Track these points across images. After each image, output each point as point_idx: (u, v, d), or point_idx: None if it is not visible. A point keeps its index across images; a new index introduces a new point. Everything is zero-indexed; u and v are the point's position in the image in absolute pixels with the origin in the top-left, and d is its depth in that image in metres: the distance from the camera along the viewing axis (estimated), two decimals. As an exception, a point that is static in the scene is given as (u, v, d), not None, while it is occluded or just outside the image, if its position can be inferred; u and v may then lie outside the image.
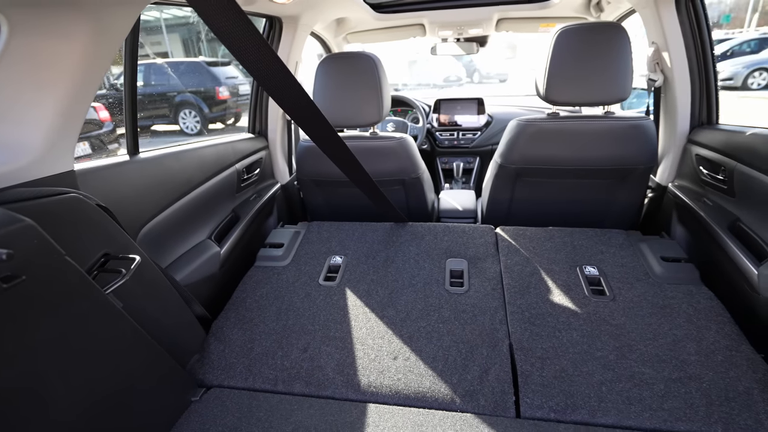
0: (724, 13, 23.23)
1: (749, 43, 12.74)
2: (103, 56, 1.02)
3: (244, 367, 1.29)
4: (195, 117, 10.06)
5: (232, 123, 10.33)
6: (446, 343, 1.30)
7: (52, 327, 0.81)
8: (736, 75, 11.41)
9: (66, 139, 1.02)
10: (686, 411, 1.06)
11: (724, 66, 11.78)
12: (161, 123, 10.15)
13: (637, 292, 1.43)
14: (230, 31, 0.92)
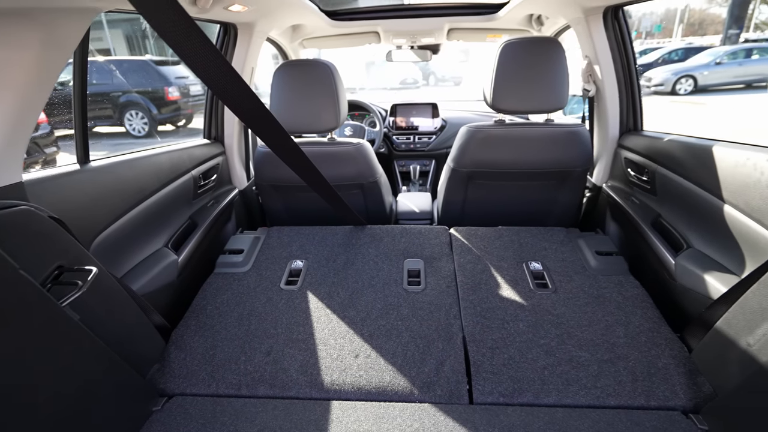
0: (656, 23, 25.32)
1: (677, 52, 13.97)
2: (53, 66, 1.01)
3: (207, 373, 1.31)
4: (142, 118, 9.58)
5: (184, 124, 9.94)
6: (405, 339, 1.38)
7: (7, 342, 0.80)
8: (666, 81, 12.46)
9: (14, 150, 1.00)
10: (615, 387, 1.20)
11: (656, 73, 12.84)
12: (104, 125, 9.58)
13: (575, 284, 1.58)
14: (181, 40, 0.94)
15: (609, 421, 1.11)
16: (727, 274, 1.30)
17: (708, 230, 1.43)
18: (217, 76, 1.06)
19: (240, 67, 2.00)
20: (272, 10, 1.85)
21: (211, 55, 1.00)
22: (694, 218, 1.50)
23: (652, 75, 12.80)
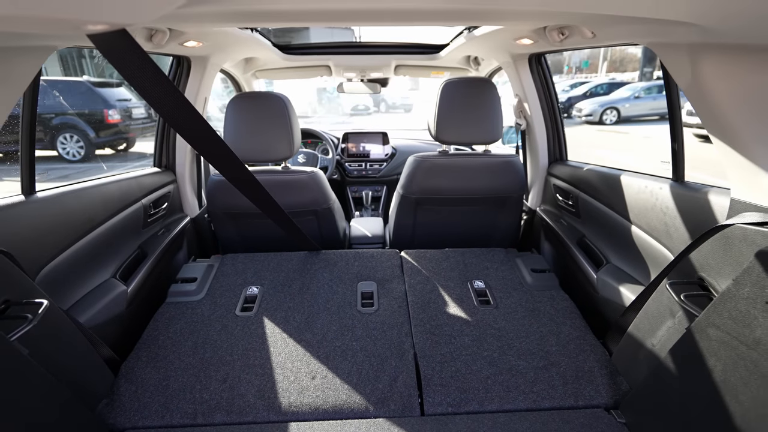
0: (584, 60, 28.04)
1: (602, 86, 15.51)
2: (5, 102, 1.02)
3: (160, 405, 1.29)
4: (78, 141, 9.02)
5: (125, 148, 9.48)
6: (359, 359, 1.45)
7: None
8: (594, 112, 13.76)
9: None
10: (549, 391, 1.34)
11: (585, 104, 14.17)
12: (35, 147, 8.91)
13: (513, 299, 1.74)
14: (135, 73, 0.99)
15: (544, 421, 1.24)
16: (637, 285, 1.51)
17: (622, 248, 1.65)
18: (171, 107, 1.11)
19: (193, 98, 2.04)
20: (226, 44, 1.93)
21: (165, 87, 1.05)
22: (611, 237, 1.73)
23: (583, 106, 14.11)
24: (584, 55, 27.31)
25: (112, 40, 0.85)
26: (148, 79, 1.01)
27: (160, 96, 1.06)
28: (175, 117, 1.12)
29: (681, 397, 1.07)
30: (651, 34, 1.10)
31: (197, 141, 1.25)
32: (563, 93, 15.90)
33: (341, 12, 1.07)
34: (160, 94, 1.04)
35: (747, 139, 1.03)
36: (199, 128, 1.21)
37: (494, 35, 1.81)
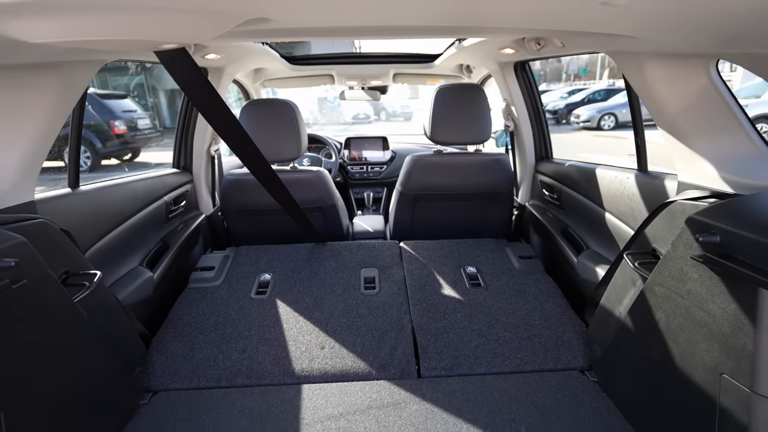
0: (582, 67, 28.44)
1: (599, 92, 15.76)
2: (67, 104, 1.24)
3: (188, 371, 1.49)
4: (84, 152, 9.29)
5: (130, 158, 9.74)
6: (363, 332, 1.64)
7: (37, 325, 0.99)
8: (592, 118, 13.98)
9: (31, 174, 1.20)
10: (531, 357, 1.53)
11: (583, 111, 14.42)
12: (41, 159, 9.17)
13: (502, 282, 1.93)
14: (188, 82, 1.22)
15: (526, 381, 1.43)
16: (609, 265, 1.70)
17: (598, 233, 1.85)
18: (213, 110, 1.35)
19: (210, 105, 2.26)
20: (241, 56, 2.15)
21: (210, 93, 1.28)
22: (590, 225, 1.93)
23: (581, 113, 14.35)
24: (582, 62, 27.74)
25: (174, 55, 1.07)
26: (197, 87, 1.24)
27: (206, 101, 1.28)
28: (216, 118, 1.34)
29: (638, 349, 1.26)
30: (606, 44, 1.31)
31: (231, 139, 1.47)
32: (561, 100, 16.16)
33: (346, 28, 1.28)
34: (205, 99, 1.27)
35: (687, 131, 1.24)
36: (234, 129, 1.44)
37: (481, 45, 2.03)
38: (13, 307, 0.94)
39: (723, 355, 0.95)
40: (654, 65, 1.21)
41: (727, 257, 0.91)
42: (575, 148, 10.36)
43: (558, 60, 31.81)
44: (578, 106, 14.82)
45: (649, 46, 1.14)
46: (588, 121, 13.99)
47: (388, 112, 17.21)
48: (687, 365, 1.05)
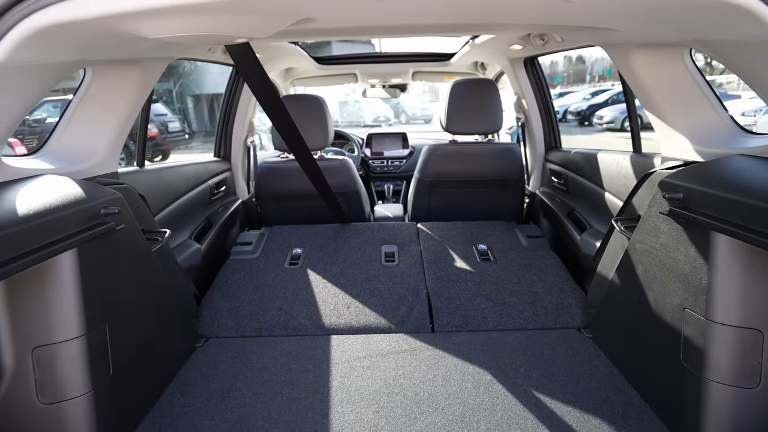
0: (607, 68, 28.09)
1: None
2: (143, 94, 1.52)
3: (233, 323, 1.75)
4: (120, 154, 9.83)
5: (160, 160, 10.28)
6: (384, 296, 1.87)
7: (130, 263, 1.27)
8: (616, 119, 13.86)
9: (116, 150, 1.49)
10: (533, 317, 1.73)
11: (606, 112, 14.31)
12: (79, 160, 9.78)
13: (510, 257, 2.13)
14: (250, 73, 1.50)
15: (527, 336, 1.64)
16: None
17: (599, 213, 2.04)
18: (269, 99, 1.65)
19: (247, 100, 2.56)
20: (276, 55, 2.44)
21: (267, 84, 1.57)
22: (592, 206, 2.11)
23: (604, 114, 14.25)
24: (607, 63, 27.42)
25: (241, 48, 1.34)
26: (257, 75, 1.52)
27: (262, 88, 1.57)
28: (269, 104, 1.63)
29: (622, 302, 1.46)
30: (597, 37, 1.51)
31: (279, 124, 1.76)
32: (584, 101, 16.07)
33: (372, 27, 1.53)
34: (261, 86, 1.55)
35: (667, 112, 1.43)
36: (282, 115, 1.73)
37: (492, 42, 2.25)
38: (116, 245, 1.22)
39: (685, 292, 1.14)
40: (638, 54, 1.41)
41: (688, 209, 1.11)
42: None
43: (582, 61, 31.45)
44: (601, 107, 14.72)
45: (631, 37, 1.34)
46: (611, 122, 13.88)
47: (408, 115, 17.46)
48: (659, 307, 1.25)
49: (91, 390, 1.11)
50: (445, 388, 1.37)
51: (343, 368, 1.49)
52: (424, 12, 1.07)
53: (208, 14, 0.86)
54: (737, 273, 1.03)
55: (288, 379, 1.44)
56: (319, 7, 0.96)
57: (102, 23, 0.80)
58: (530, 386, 1.37)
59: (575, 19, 1.23)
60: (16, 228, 0.92)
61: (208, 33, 0.99)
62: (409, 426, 1.23)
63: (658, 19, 1.04)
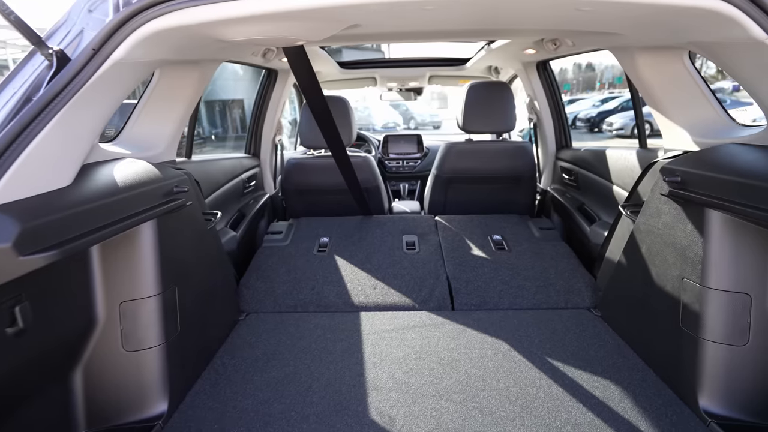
0: (617, 76, 28.17)
1: (634, 100, 15.68)
2: (199, 91, 1.72)
3: (271, 301, 1.93)
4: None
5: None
6: (407, 279, 2.04)
7: (195, 236, 1.46)
8: (626, 126, 13.94)
9: (175, 141, 1.69)
10: (546, 299, 1.89)
11: (616, 119, 14.41)
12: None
13: (524, 247, 2.30)
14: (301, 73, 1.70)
15: (541, 314, 1.80)
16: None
17: (608, 205, 2.19)
18: (315, 97, 1.86)
19: (277, 100, 2.77)
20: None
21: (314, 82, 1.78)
22: (602, 200, 2.27)
23: (614, 120, 14.35)
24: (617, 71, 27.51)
25: (297, 49, 1.55)
26: (307, 74, 1.74)
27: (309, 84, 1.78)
28: (316, 103, 1.84)
29: (628, 279, 1.61)
30: (605, 42, 1.69)
31: (321, 119, 1.96)
32: (594, 108, 16.18)
33: (404, 33, 1.72)
34: (309, 83, 1.76)
35: (668, 108, 1.60)
36: (324, 111, 1.95)
37: (507, 47, 2.43)
38: (183, 220, 1.41)
39: (683, 264, 1.30)
40: (642, 56, 1.59)
41: (685, 190, 1.28)
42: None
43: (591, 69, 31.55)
44: (611, 114, 14.82)
45: (635, 41, 1.51)
46: (621, 129, 13.96)
47: (417, 121, 17.65)
48: (661, 279, 1.41)
49: (164, 342, 1.29)
50: (466, 355, 1.54)
51: (373, 338, 1.66)
52: (456, 19, 1.26)
53: (280, 20, 1.05)
54: (728, 244, 1.19)
55: (324, 347, 1.61)
56: (367, 15, 1.14)
57: (199, 28, 1.00)
58: (544, 354, 1.53)
59: (584, 24, 1.40)
60: (112, 199, 1.11)
61: (277, 36, 1.18)
62: (436, 383, 1.39)
63: (654, 23, 1.22)
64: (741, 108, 12.02)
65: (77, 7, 1.03)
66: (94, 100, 1.01)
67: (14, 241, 0.80)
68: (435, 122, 17.61)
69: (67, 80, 0.92)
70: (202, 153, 10.80)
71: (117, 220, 1.12)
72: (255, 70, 2.65)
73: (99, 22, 1.01)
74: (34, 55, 0.98)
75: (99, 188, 1.10)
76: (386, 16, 1.17)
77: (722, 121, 1.49)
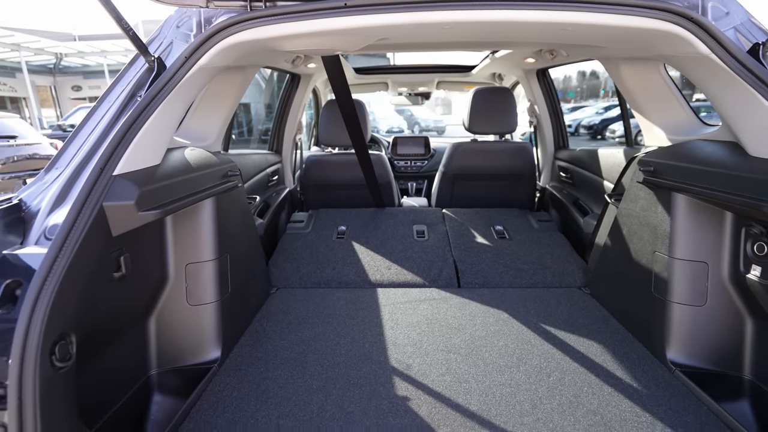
0: (621, 84, 28.45)
1: (637, 108, 15.95)
2: (241, 92, 2.01)
3: (297, 278, 2.20)
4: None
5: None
6: (417, 262, 2.31)
7: (241, 214, 1.73)
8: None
9: (221, 135, 1.97)
10: (542, 279, 2.16)
11: (618, 126, 14.70)
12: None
13: (523, 236, 2.56)
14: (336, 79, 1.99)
15: (537, 292, 2.06)
16: None
17: (600, 199, 2.46)
18: (346, 100, 2.14)
19: (299, 102, 3.05)
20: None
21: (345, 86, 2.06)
22: (594, 194, 2.54)
23: (616, 128, 14.64)
24: (621, 79, 27.82)
25: (333, 58, 1.83)
26: (340, 78, 2.05)
27: (341, 88, 2.06)
28: (345, 103, 2.12)
29: (612, 259, 1.88)
30: (592, 53, 1.97)
31: (348, 119, 2.25)
32: (597, 115, 16.48)
33: (420, 44, 2.00)
34: (342, 88, 2.04)
35: (648, 111, 1.87)
36: (351, 112, 2.24)
37: (509, 56, 2.72)
38: (233, 199, 1.68)
39: (655, 239, 1.57)
40: (625, 67, 1.86)
41: (657, 177, 1.54)
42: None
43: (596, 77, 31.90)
44: (614, 122, 15.10)
45: (617, 53, 1.79)
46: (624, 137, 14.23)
47: (421, 126, 17.99)
48: (638, 255, 1.67)
49: (218, 300, 1.56)
50: (470, 321, 1.80)
51: (389, 309, 1.92)
52: (466, 33, 1.54)
53: (328, 36, 1.33)
54: (690, 221, 1.46)
55: (347, 314, 1.88)
56: (396, 31, 1.42)
57: (266, 41, 1.28)
58: (538, 321, 1.79)
59: (573, 39, 1.68)
60: (187, 176, 1.39)
61: (322, 47, 1.46)
62: (445, 342, 1.65)
63: (626, 40, 1.49)
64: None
65: (168, 23, 1.31)
66: (180, 97, 1.29)
67: (136, 199, 1.07)
68: (439, 128, 17.93)
69: (164, 82, 1.20)
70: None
71: (191, 194, 1.39)
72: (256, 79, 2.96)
73: (185, 36, 1.29)
74: (137, 60, 1.26)
75: (178, 167, 1.38)
76: (411, 31, 1.44)
77: (691, 121, 1.76)
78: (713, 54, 1.19)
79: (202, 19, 1.29)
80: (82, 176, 1.09)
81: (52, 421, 0.86)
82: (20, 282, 0.88)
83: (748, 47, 1.19)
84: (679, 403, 1.32)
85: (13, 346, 0.81)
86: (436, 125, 18.12)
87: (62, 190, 1.07)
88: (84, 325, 1.01)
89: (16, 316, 0.84)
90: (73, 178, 1.09)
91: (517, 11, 1.17)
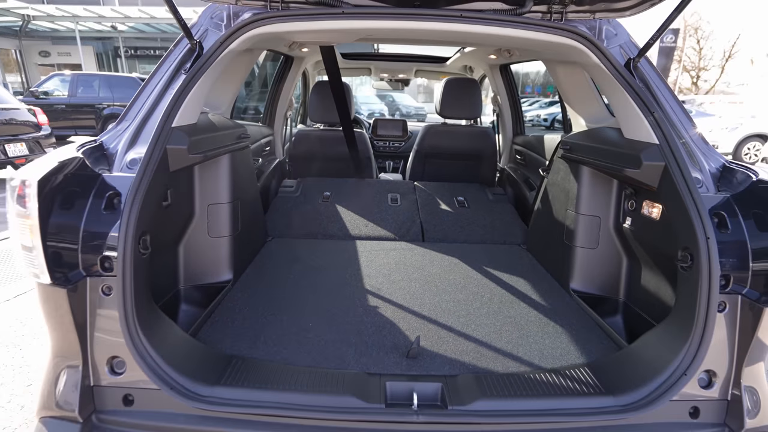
0: (599, 81, 29.56)
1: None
2: (247, 71, 2.44)
3: (288, 230, 2.67)
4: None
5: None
6: (390, 222, 2.82)
7: (248, 172, 2.19)
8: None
9: (230, 105, 2.40)
10: (491, 236, 2.70)
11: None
12: (84, 133, 10.47)
13: (480, 205, 3.10)
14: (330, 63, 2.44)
15: (487, 247, 2.60)
16: None
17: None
18: (337, 81, 2.59)
19: (291, 81, 3.48)
20: (316, 50, 3.36)
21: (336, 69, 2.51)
22: (539, 173, 3.09)
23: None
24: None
25: (329, 48, 2.28)
26: (333, 64, 2.48)
27: (334, 73, 2.50)
28: (336, 85, 2.56)
29: (541, 220, 2.43)
30: (534, 55, 2.49)
31: (338, 99, 2.70)
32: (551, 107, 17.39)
33: (394, 39, 2.47)
34: (334, 72, 2.49)
35: (575, 104, 2.41)
36: (341, 93, 2.70)
37: (476, 52, 3.22)
38: (243, 158, 2.14)
39: (568, 201, 2.11)
40: (559, 68, 2.39)
41: (572, 153, 2.08)
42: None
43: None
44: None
45: (551, 57, 2.31)
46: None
47: (402, 113, 18.42)
48: (557, 214, 2.22)
49: (231, 235, 2.02)
50: (430, 263, 2.32)
51: (366, 255, 2.42)
52: (435, 36, 2.02)
53: (332, 32, 1.79)
54: (590, 185, 2.01)
55: (332, 256, 2.37)
56: (380, 32, 1.89)
57: (282, 34, 1.72)
58: (482, 265, 2.33)
59: (515, 45, 2.20)
60: (214, 134, 1.84)
61: (322, 40, 1.92)
62: (409, 276, 2.17)
63: (547, 49, 2.01)
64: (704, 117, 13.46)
65: (204, 15, 1.74)
66: (212, 72, 1.73)
67: (188, 145, 1.52)
68: (420, 115, 18.42)
69: (204, 60, 1.64)
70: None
71: (218, 147, 1.84)
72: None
73: (217, 25, 1.72)
74: (181, 41, 1.69)
75: (209, 126, 1.82)
76: (390, 33, 1.92)
77: (604, 113, 2.31)
78: (602, 63, 1.71)
79: (231, 13, 1.72)
80: (147, 126, 1.52)
81: (138, 290, 1.32)
82: (119, 193, 1.32)
83: (626, 60, 1.72)
84: (573, 315, 1.88)
85: (119, 235, 1.26)
86: (417, 112, 18.59)
87: (133, 135, 1.50)
88: (151, 232, 1.46)
89: (118, 216, 1.28)
90: (140, 127, 1.52)
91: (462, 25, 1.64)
